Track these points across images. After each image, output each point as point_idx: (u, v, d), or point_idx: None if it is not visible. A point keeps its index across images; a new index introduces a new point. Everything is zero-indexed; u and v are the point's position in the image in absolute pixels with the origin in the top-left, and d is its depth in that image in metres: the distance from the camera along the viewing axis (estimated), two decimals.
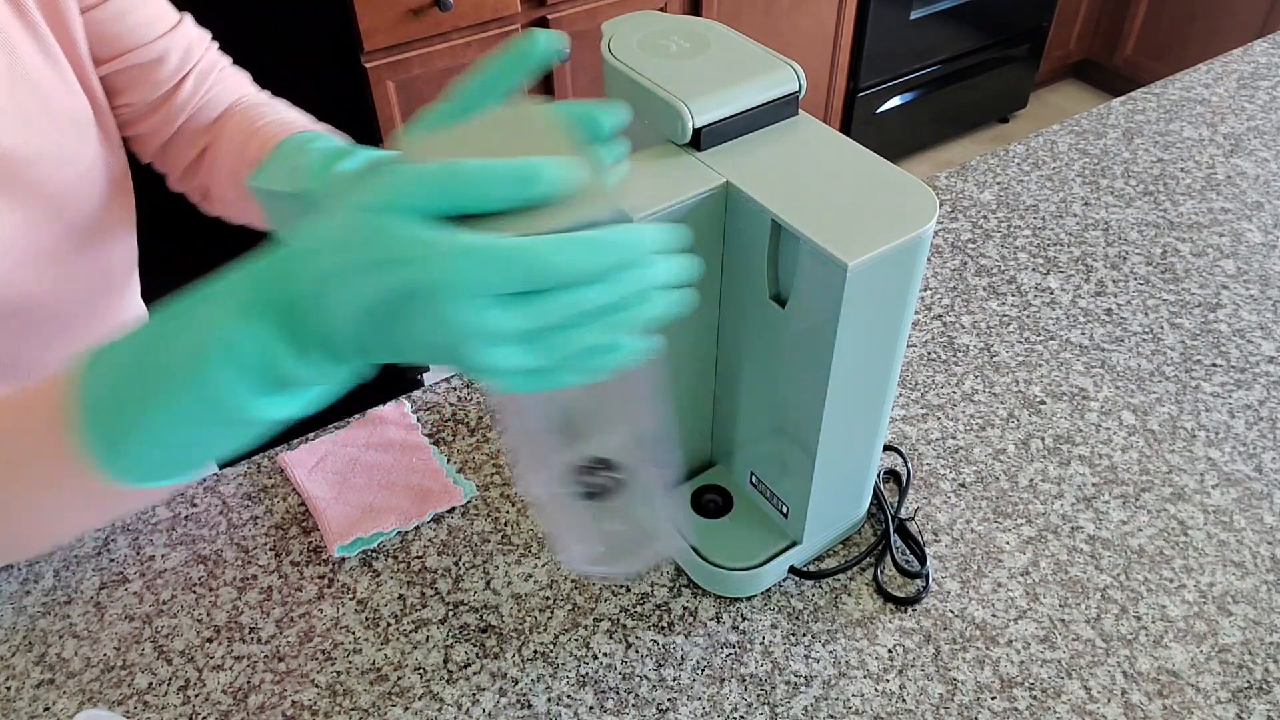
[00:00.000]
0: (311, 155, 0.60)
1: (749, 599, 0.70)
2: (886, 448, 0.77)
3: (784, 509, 0.69)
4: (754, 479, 0.71)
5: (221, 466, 0.81)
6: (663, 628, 0.68)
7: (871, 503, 0.74)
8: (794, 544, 0.70)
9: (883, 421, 0.66)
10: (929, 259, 1.00)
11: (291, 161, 0.62)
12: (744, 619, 0.69)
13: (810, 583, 0.71)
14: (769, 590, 0.70)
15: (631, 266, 0.37)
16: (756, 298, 0.61)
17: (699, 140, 0.60)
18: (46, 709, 0.64)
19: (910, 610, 0.69)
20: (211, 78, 0.73)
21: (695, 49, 0.64)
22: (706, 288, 0.63)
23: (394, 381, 2.19)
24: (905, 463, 0.77)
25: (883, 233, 0.54)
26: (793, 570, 0.71)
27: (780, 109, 0.62)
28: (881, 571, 0.71)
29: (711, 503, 0.73)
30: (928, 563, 0.71)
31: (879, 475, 0.75)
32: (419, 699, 0.65)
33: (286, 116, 0.70)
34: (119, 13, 0.66)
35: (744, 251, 0.60)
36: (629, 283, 0.38)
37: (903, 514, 0.74)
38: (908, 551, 0.72)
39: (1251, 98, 1.25)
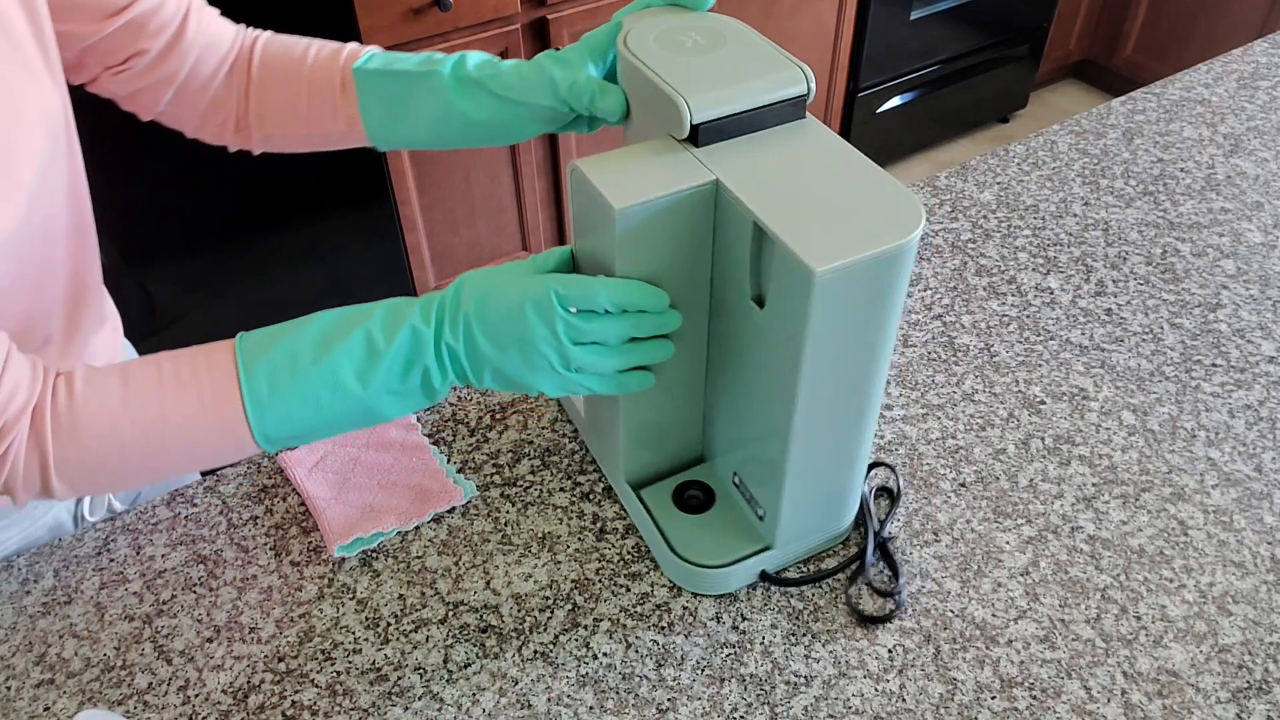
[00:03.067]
0: (504, 70, 0.70)
1: (749, 599, 0.70)
2: (878, 463, 0.77)
3: (760, 512, 0.69)
4: (736, 479, 0.71)
5: (221, 468, 0.81)
6: (663, 628, 0.68)
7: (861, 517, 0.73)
8: (767, 548, 0.69)
9: (864, 436, 0.65)
10: (929, 259, 1.00)
11: (498, 78, 0.70)
12: (744, 619, 0.69)
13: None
14: (769, 590, 0.70)
15: (650, 311, 0.60)
16: (740, 297, 0.61)
17: (697, 136, 0.60)
18: (46, 709, 0.64)
19: (910, 611, 0.69)
20: (199, 13, 0.74)
21: (710, 45, 0.64)
22: (698, 282, 0.64)
23: None
24: (896, 479, 0.76)
25: (860, 242, 0.54)
26: (763, 575, 0.70)
27: (785, 111, 0.61)
28: (855, 588, 0.70)
29: (693, 498, 0.73)
30: (901, 581, 0.70)
31: (870, 490, 0.74)
32: (419, 699, 0.65)
33: (313, 44, 0.77)
34: None
35: (731, 249, 0.60)
36: (649, 323, 0.60)
37: (886, 533, 0.73)
38: (886, 570, 0.71)
39: (1251, 98, 1.25)
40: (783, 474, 0.63)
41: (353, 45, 0.76)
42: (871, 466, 0.75)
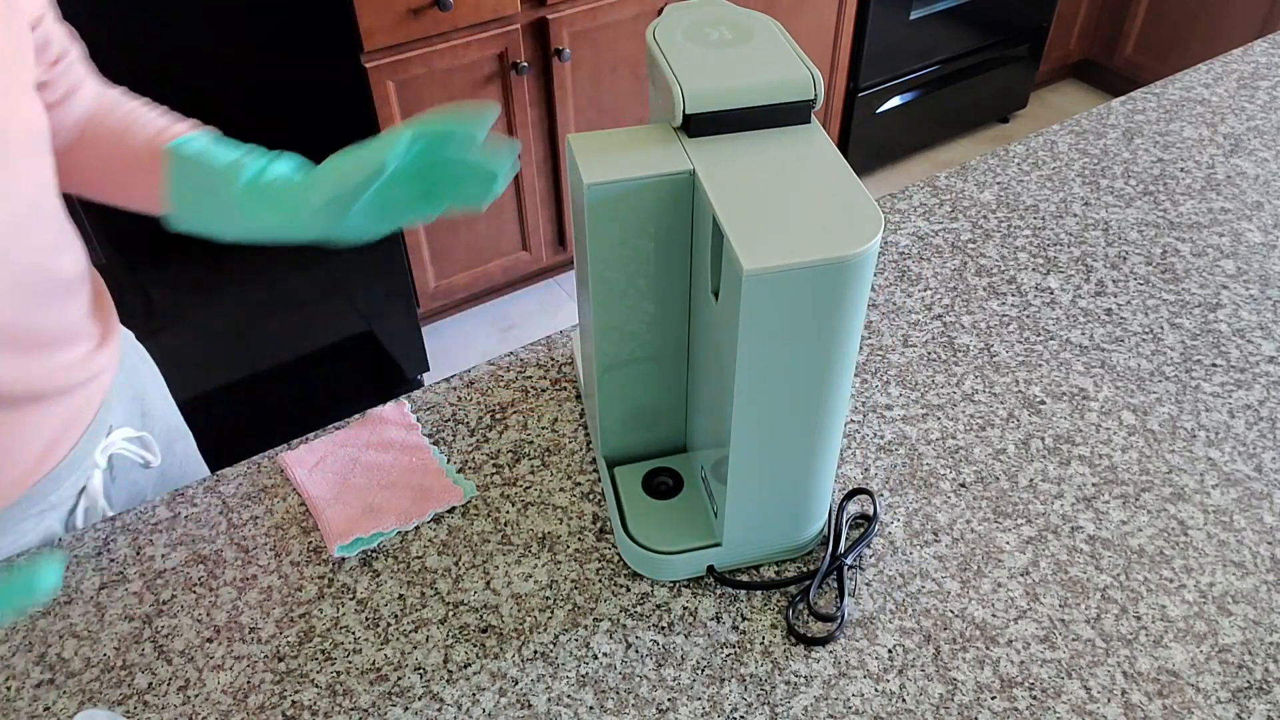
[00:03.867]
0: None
1: (749, 599, 0.70)
2: (857, 490, 0.76)
3: (715, 509, 0.69)
4: (703, 472, 0.72)
5: (222, 467, 0.81)
6: (663, 628, 0.68)
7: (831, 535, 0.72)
8: (716, 544, 0.70)
9: (822, 448, 0.65)
10: (929, 259, 1.00)
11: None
12: (744, 619, 0.69)
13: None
14: (769, 590, 0.70)
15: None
16: (705, 289, 0.62)
17: (689, 126, 0.60)
18: (46, 709, 0.64)
19: (910, 610, 0.69)
20: (71, 67, 0.75)
21: (735, 40, 0.64)
22: (674, 267, 0.64)
23: (394, 382, 2.20)
24: (874, 504, 0.75)
25: (804, 249, 0.54)
26: (710, 570, 0.70)
27: (787, 113, 0.61)
28: (797, 607, 0.69)
29: (662, 484, 0.74)
30: (845, 605, 0.68)
31: (848, 516, 0.73)
32: (419, 699, 0.65)
33: (147, 114, 0.77)
34: None
35: (702, 240, 0.61)
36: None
37: (851, 558, 0.71)
38: (836, 592, 0.70)
39: (1251, 98, 1.25)
40: (725, 471, 0.64)
41: (185, 125, 0.75)
42: (855, 493, 0.75)
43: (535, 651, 0.67)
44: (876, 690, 0.65)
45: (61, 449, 0.75)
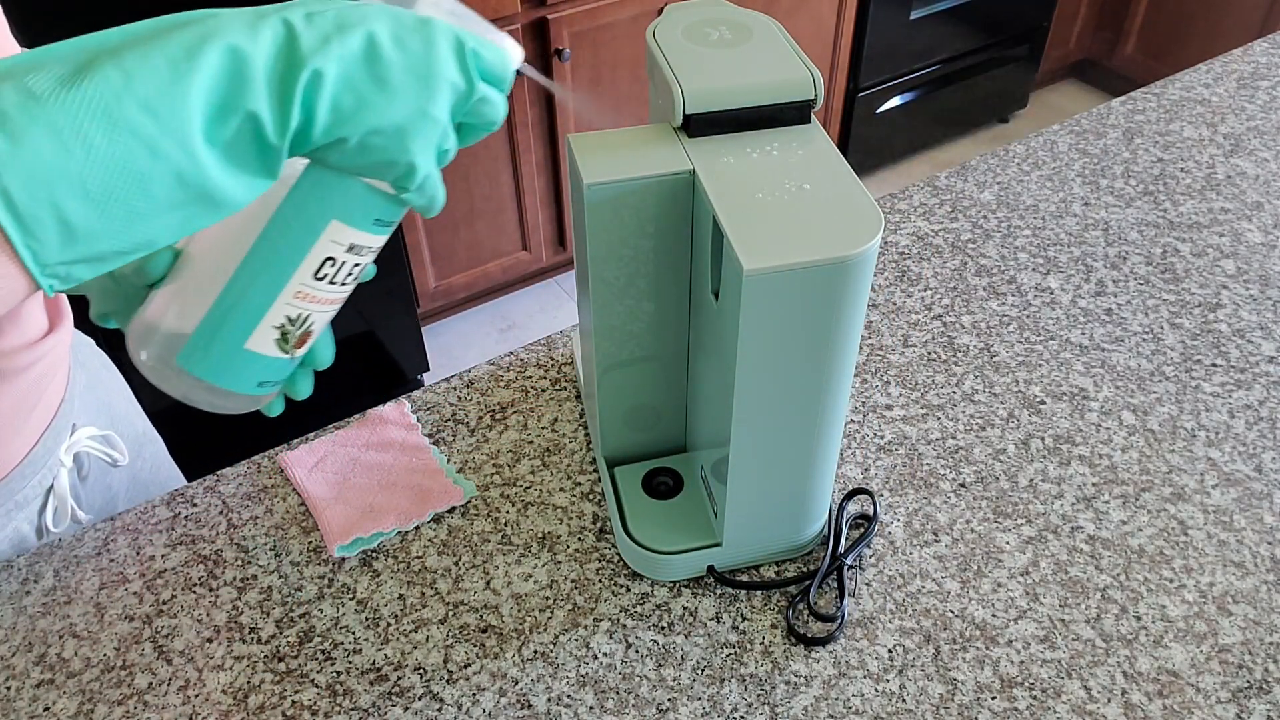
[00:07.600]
0: None
1: (749, 599, 0.70)
2: (857, 490, 0.76)
3: (715, 508, 0.70)
4: (703, 472, 0.72)
5: (221, 467, 0.81)
6: (663, 628, 0.68)
7: (830, 535, 0.73)
8: (716, 544, 0.70)
9: (821, 449, 0.65)
10: (929, 259, 1.00)
11: None
12: (744, 619, 0.69)
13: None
14: (769, 590, 0.70)
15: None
16: (705, 289, 0.62)
17: (689, 126, 0.61)
18: (46, 709, 0.64)
19: (910, 610, 0.69)
20: None
21: (735, 40, 0.65)
22: (675, 267, 0.64)
23: (394, 382, 2.20)
24: (874, 504, 0.75)
25: (804, 249, 0.54)
26: (711, 570, 0.70)
27: (787, 114, 0.62)
28: (797, 607, 0.69)
29: (662, 484, 0.74)
30: (845, 605, 0.68)
31: (848, 516, 0.73)
32: (419, 699, 0.65)
33: None
34: None
35: (702, 240, 0.61)
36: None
37: (851, 558, 0.71)
38: (836, 592, 0.70)
39: (1251, 98, 1.25)
40: (725, 471, 0.64)
41: None
42: (855, 492, 0.75)
43: (535, 651, 0.67)
44: (876, 690, 0.65)
45: (20, 443, 0.74)
